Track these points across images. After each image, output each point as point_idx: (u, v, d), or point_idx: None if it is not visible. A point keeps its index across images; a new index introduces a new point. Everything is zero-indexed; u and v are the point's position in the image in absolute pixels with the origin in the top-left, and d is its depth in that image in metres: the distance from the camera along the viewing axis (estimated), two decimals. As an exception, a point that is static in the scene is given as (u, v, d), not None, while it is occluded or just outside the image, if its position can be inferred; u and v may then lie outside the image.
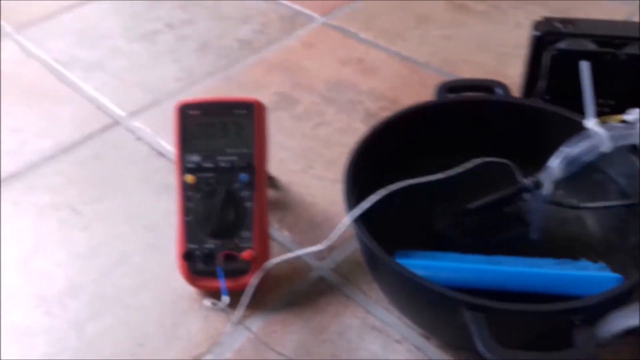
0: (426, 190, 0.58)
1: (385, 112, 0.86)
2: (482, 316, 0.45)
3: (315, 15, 1.09)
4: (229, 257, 0.59)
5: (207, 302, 0.60)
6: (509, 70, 0.92)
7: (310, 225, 0.70)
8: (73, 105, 0.90)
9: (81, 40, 1.05)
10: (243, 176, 0.60)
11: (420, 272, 0.50)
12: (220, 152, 0.61)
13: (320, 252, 0.65)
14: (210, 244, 0.60)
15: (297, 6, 1.12)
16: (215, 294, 0.61)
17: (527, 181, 0.57)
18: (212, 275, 0.59)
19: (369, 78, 0.93)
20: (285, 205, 0.72)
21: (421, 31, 1.03)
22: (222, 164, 0.60)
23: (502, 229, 0.59)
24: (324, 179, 0.76)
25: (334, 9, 1.10)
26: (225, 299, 0.59)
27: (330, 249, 0.67)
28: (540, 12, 1.05)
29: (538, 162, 0.58)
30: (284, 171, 0.77)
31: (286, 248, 0.67)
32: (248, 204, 0.60)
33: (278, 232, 0.69)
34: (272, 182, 0.75)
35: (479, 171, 0.59)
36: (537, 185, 0.57)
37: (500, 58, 0.95)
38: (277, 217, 0.71)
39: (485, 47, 0.98)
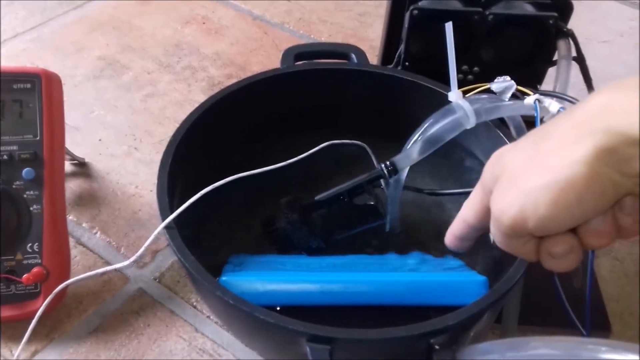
0: (269, 181, 0.47)
1: (232, 80, 0.74)
2: (327, 349, 0.36)
3: (154, -35, 0.93)
4: (9, 281, 0.45)
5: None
6: (370, 32, 0.83)
7: (131, 224, 0.57)
8: None
9: None
10: (28, 171, 0.46)
11: (250, 288, 0.41)
12: (-6, 140, 0.46)
13: (140, 259, 0.53)
14: (-18, 264, 0.46)
15: (132, -46, 0.95)
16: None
17: (381, 166, 0.47)
18: (-13, 303, 0.46)
19: (214, 40, 0.80)
20: (100, 199, 0.59)
21: (276, -14, 0.91)
22: (-3, 157, 0.46)
23: (354, 223, 0.49)
24: (153, 164, 0.63)
25: (178, -41, 0.95)
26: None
27: (154, 252, 0.55)
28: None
29: (398, 141, 0.49)
30: (103, 155, 0.63)
31: (98, 256, 0.54)
32: (36, 208, 0.46)
33: (88, 235, 0.55)
34: (84, 170, 0.61)
35: (330, 156, 0.49)
36: (393, 169, 0.47)
37: (361, 18, 0.85)
38: (88, 216, 0.57)
39: (344, 6, 0.88)
